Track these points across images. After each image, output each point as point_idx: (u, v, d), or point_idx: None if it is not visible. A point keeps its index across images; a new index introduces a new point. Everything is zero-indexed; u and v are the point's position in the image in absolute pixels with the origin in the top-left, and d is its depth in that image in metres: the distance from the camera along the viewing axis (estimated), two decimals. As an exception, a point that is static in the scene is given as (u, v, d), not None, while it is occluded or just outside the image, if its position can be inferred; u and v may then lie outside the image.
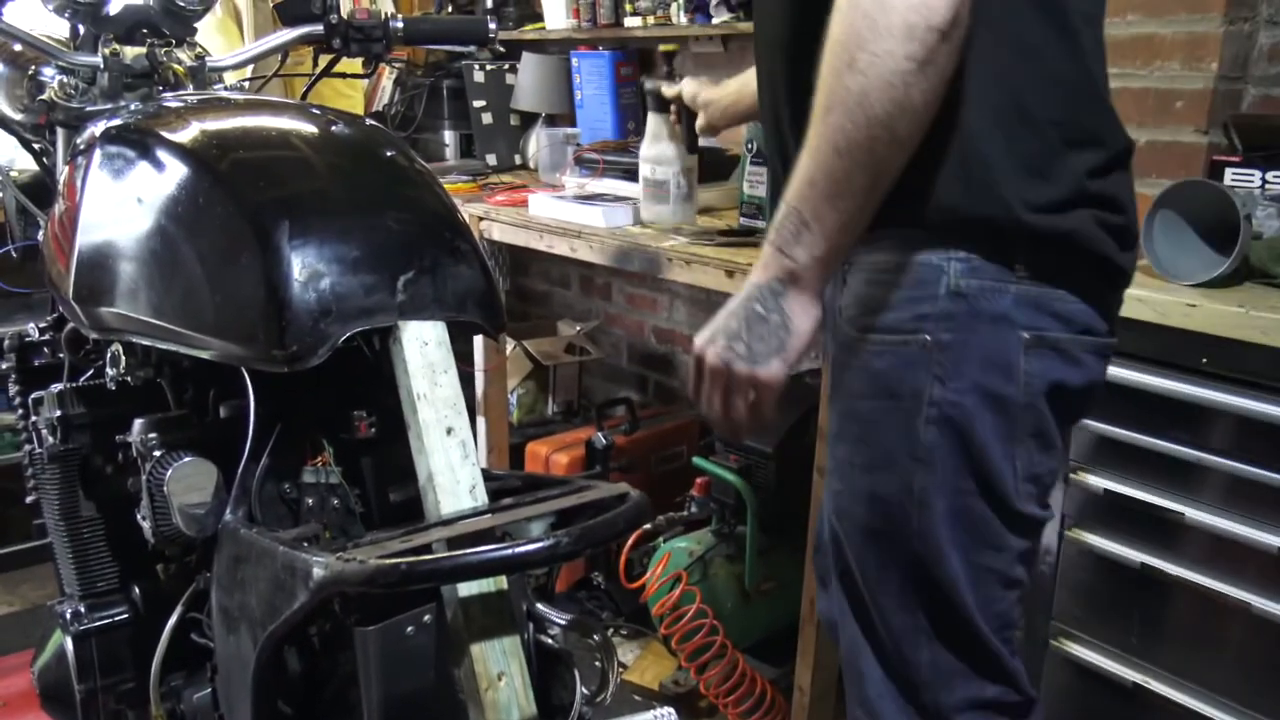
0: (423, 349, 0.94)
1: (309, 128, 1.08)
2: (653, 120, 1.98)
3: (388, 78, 3.14)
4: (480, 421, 2.62)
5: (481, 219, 2.33)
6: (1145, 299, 1.36)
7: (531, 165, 2.90)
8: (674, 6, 2.49)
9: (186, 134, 1.02)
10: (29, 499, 1.36)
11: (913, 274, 0.95)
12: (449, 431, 0.93)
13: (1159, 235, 1.46)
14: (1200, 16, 1.68)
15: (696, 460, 2.14)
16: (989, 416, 0.96)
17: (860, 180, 0.88)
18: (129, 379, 1.09)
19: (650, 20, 2.58)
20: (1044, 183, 0.92)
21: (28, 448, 1.32)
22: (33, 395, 1.23)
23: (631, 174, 2.22)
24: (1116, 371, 1.35)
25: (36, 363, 1.44)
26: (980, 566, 1.00)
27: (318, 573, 0.77)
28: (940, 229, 0.94)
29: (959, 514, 0.98)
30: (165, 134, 1.03)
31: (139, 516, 1.02)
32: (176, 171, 0.99)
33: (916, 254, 0.95)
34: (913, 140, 0.87)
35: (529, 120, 2.97)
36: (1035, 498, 1.01)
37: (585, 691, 0.98)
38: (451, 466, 0.92)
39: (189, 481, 0.96)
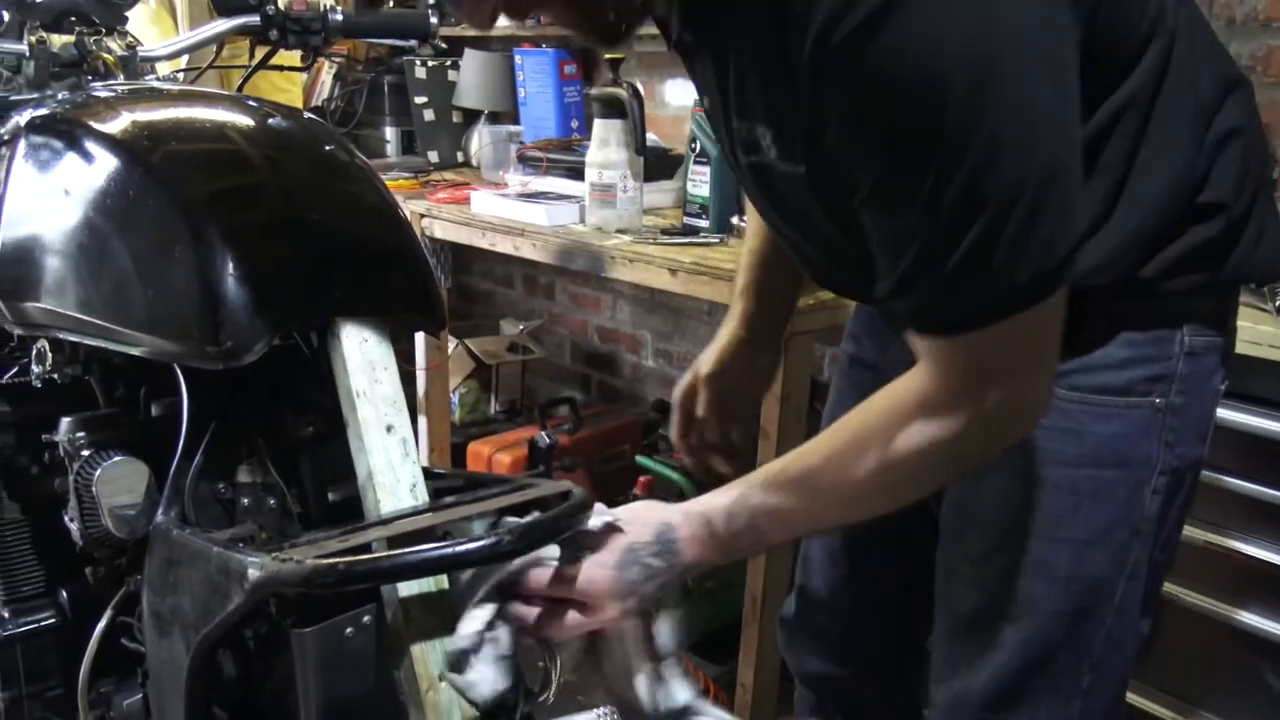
0: (362, 346, 0.92)
1: (245, 120, 1.06)
2: (599, 125, 1.98)
3: (327, 72, 3.09)
4: (422, 421, 2.59)
5: (423, 216, 2.31)
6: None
7: (474, 163, 2.88)
8: (618, 5, 2.49)
9: (117, 124, 0.99)
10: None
11: (1146, 332, 0.89)
12: (389, 429, 0.91)
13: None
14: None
15: (640, 459, 2.14)
16: (1189, 478, 0.94)
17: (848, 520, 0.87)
18: (55, 376, 1.06)
19: (594, 18, 2.58)
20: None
21: (-52, 448, 1.27)
22: (-48, 394, 1.19)
23: (576, 172, 2.21)
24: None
25: (-44, 361, 1.39)
26: (1140, 635, 0.97)
27: (253, 573, 0.75)
28: (1185, 295, 0.89)
29: (1149, 582, 0.95)
30: (94, 124, 1.00)
31: (66, 518, 0.99)
32: (106, 163, 0.96)
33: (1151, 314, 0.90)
34: None
35: (471, 117, 2.95)
36: None
37: (528, 691, 0.97)
38: (392, 465, 0.90)
39: (119, 482, 0.94)
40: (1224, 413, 1.32)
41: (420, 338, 2.50)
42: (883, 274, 0.77)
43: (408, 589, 0.85)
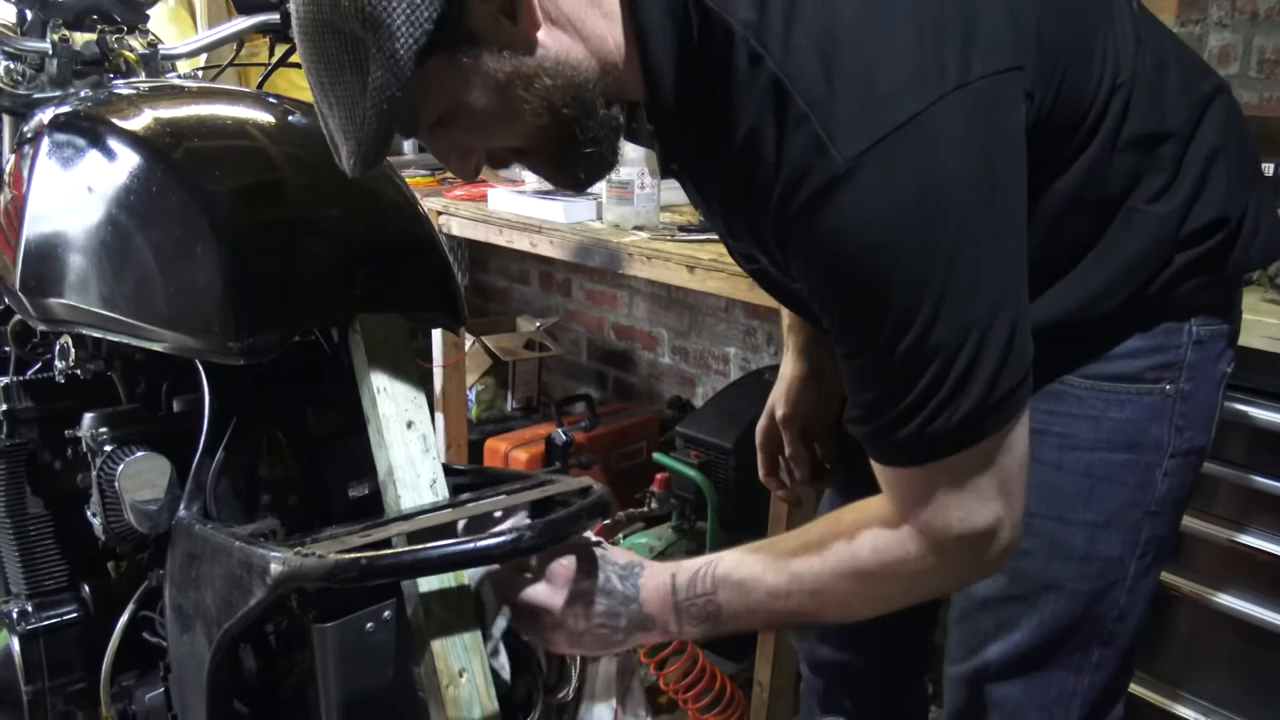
0: (382, 342, 0.93)
1: (266, 117, 1.06)
2: None
3: (345, 70, 3.10)
4: (439, 418, 2.60)
5: (440, 213, 2.31)
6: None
7: (491, 160, 2.88)
8: (635, 2, 2.49)
9: (139, 122, 1.00)
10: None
11: (1156, 328, 0.93)
12: (409, 425, 0.92)
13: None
14: (1153, 18, 1.71)
15: (657, 456, 2.14)
16: (1196, 461, 0.97)
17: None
18: (78, 372, 1.07)
19: (611, 15, 2.57)
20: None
21: (-29, 443, 1.28)
22: (-24, 389, 1.20)
23: (592, 169, 2.21)
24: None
25: (-20, 356, 1.40)
26: (1143, 606, 1.01)
27: (275, 568, 0.76)
28: (1191, 294, 0.92)
29: (1155, 565, 0.99)
30: (117, 122, 1.01)
31: (89, 513, 0.99)
32: (129, 160, 0.97)
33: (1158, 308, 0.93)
34: None
35: (488, 115, 2.95)
36: None
37: (546, 686, 0.97)
38: (412, 460, 0.91)
39: (141, 477, 0.94)
40: (1251, 410, 1.32)
41: (437, 334, 2.50)
42: (848, 402, 0.82)
43: (428, 584, 0.85)
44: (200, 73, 1.75)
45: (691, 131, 0.82)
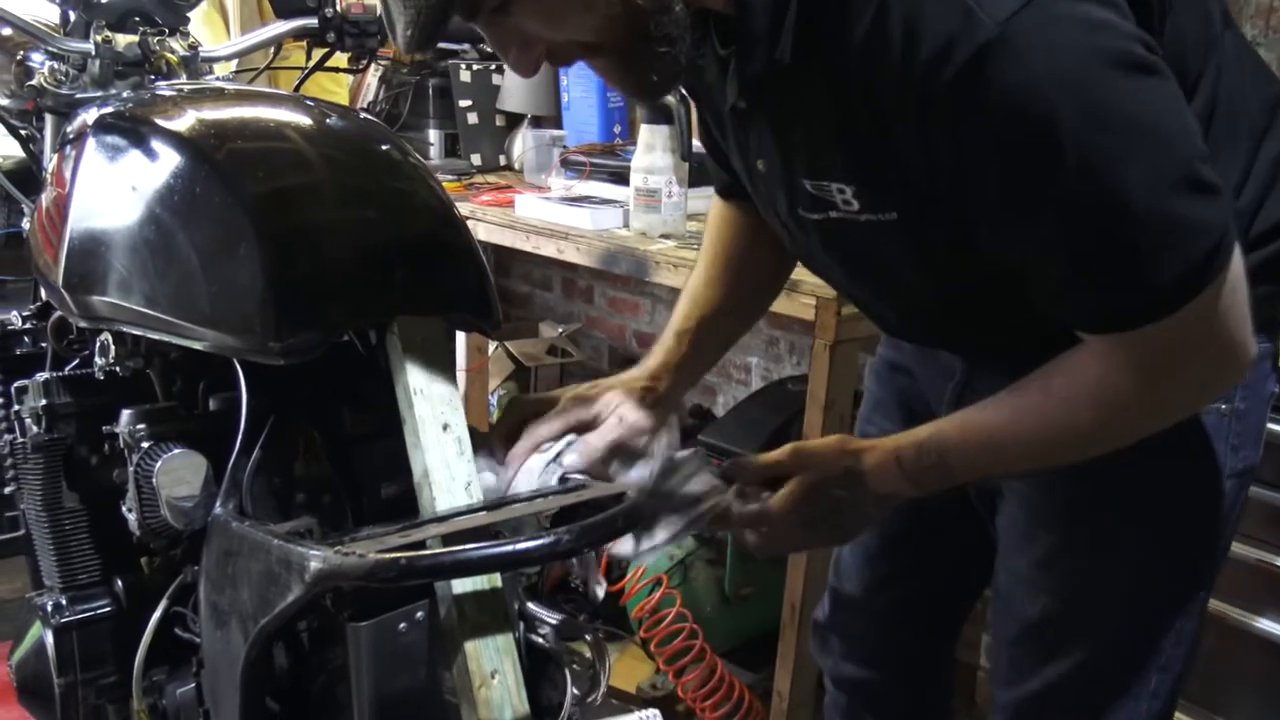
0: (419, 344, 0.94)
1: (305, 119, 1.07)
2: (645, 130, 1.98)
3: (373, 74, 3.12)
4: (461, 422, 2.61)
5: (467, 218, 2.32)
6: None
7: (517, 166, 2.90)
8: (664, 11, 2.49)
9: (182, 122, 1.01)
10: (7, 490, 1.34)
11: None
12: (445, 427, 0.92)
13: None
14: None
15: (679, 464, 2.14)
16: (1248, 481, 0.97)
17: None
18: (117, 369, 1.08)
19: (640, 24, 2.58)
20: None
21: (8, 437, 1.29)
22: (15, 384, 1.21)
23: (619, 177, 2.22)
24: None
25: (18, 351, 1.41)
26: (1195, 632, 1.00)
27: (314, 566, 0.76)
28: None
29: (1211, 587, 0.98)
30: (161, 122, 1.02)
31: (125, 509, 1.00)
32: (172, 160, 0.98)
33: None
34: None
35: (514, 121, 2.97)
36: None
37: (575, 692, 0.97)
38: (447, 463, 0.91)
39: (178, 474, 0.95)
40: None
41: (461, 339, 2.52)
42: (1038, 287, 0.79)
43: (462, 586, 0.86)
44: (233, 76, 1.77)
45: (782, 43, 0.77)
